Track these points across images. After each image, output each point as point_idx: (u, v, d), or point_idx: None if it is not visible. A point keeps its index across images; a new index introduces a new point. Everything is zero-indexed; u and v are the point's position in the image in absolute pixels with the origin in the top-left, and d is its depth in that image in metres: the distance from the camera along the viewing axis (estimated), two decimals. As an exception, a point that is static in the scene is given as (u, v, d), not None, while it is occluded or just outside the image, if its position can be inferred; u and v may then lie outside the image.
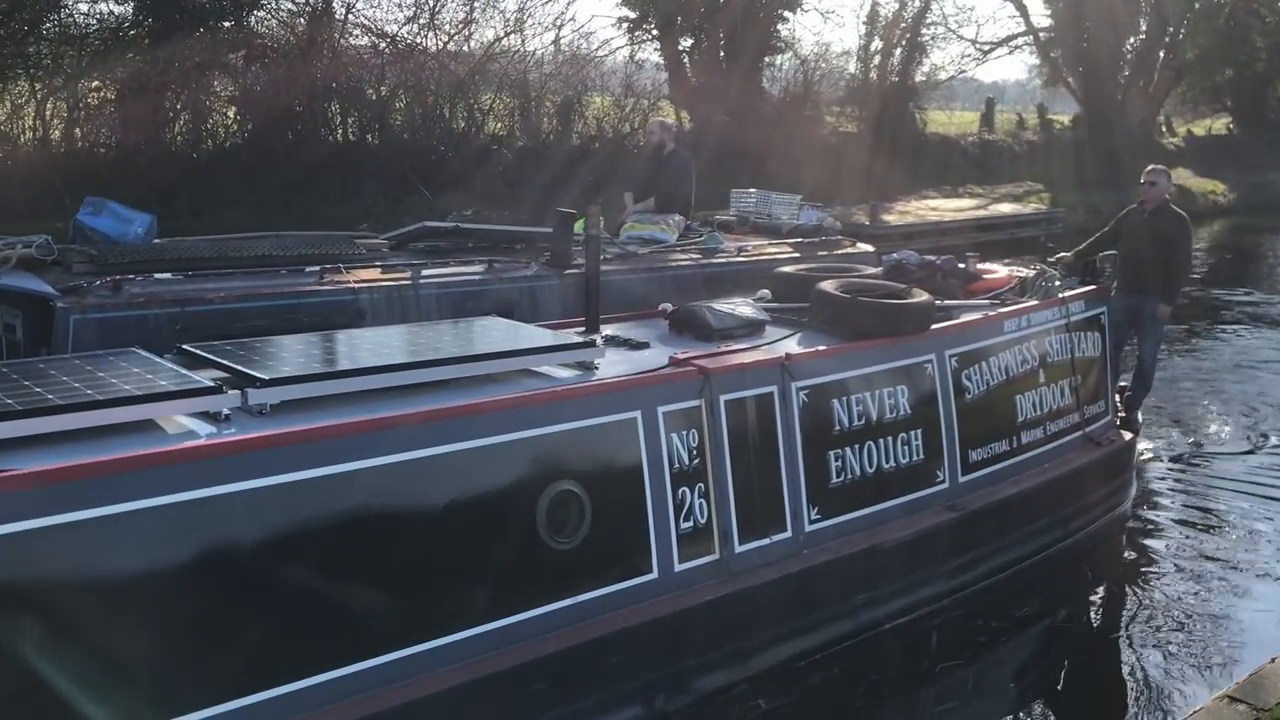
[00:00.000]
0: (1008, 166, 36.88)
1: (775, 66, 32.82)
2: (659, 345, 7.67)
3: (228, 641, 5.25)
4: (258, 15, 24.78)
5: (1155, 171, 10.55)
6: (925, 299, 8.11)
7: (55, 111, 23.07)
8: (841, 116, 33.95)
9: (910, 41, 35.26)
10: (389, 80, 25.83)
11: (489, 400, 6.19)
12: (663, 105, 29.77)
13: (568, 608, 6.37)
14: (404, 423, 5.84)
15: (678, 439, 6.86)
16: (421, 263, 8.73)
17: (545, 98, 27.47)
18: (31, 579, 4.78)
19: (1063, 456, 9.16)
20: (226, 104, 24.64)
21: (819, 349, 7.71)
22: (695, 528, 6.93)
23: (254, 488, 5.33)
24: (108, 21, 23.71)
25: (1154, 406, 13.61)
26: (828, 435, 7.58)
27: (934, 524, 8.01)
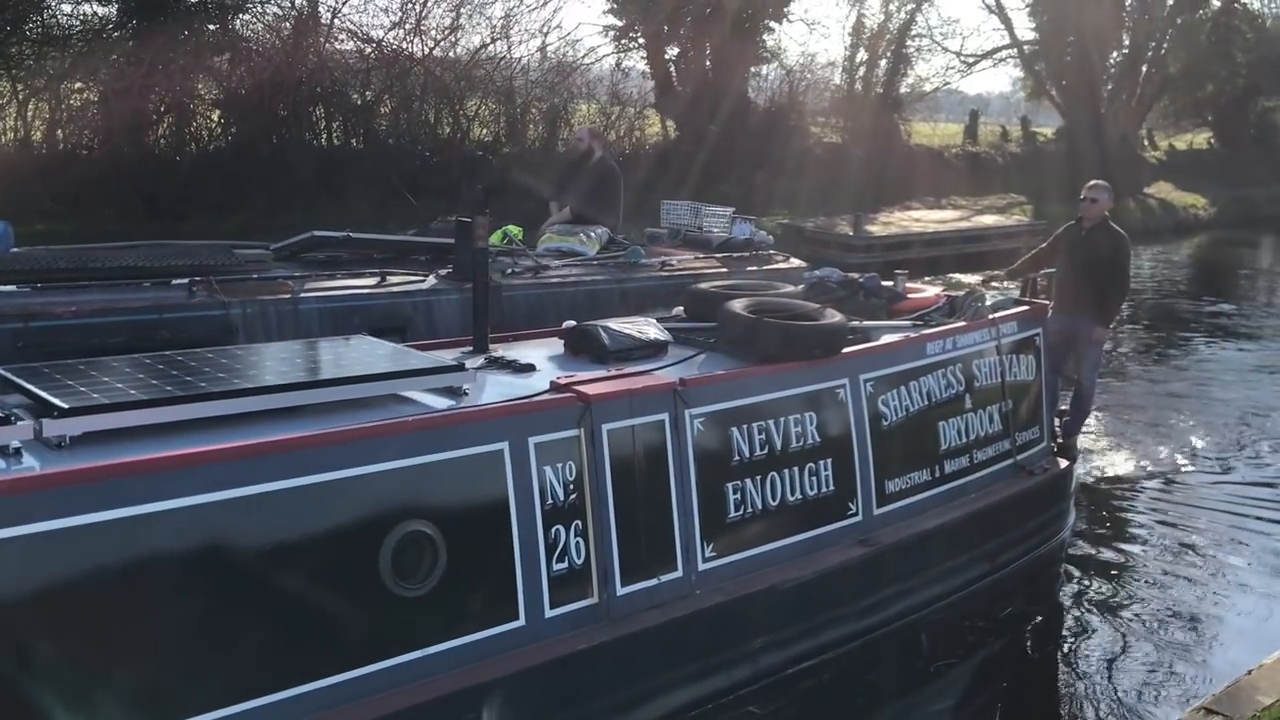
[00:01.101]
0: (992, 178, 35.93)
1: (761, 77, 31.90)
2: (549, 367, 6.82)
3: None
4: (243, 18, 24.01)
5: (1096, 188, 9.64)
6: (837, 320, 7.24)
7: (37, 113, 22.43)
8: (826, 127, 33.02)
9: (895, 53, 34.35)
10: (374, 85, 25.07)
11: (322, 432, 5.35)
12: (649, 114, 28.89)
13: (415, 662, 5.52)
14: (217, 458, 4.98)
15: (552, 472, 6.01)
16: (304, 275, 7.85)
17: (531, 105, 26.62)
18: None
19: (991, 486, 8.27)
20: (210, 107, 23.87)
21: (716, 373, 6.85)
22: (570, 569, 6.08)
23: (24, 534, 4.47)
24: (91, 22, 23.03)
25: (1104, 429, 12.78)
26: (725, 466, 6.72)
27: (843, 560, 7.15)
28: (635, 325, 7.13)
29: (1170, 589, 8.74)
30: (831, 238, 26.16)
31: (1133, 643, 7.96)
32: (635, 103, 28.50)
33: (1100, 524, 10.10)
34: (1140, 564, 9.22)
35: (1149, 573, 9.03)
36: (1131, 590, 8.74)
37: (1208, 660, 7.77)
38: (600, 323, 7.04)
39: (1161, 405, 14.57)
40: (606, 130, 27.28)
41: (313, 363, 6.02)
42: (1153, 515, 10.37)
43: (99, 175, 21.47)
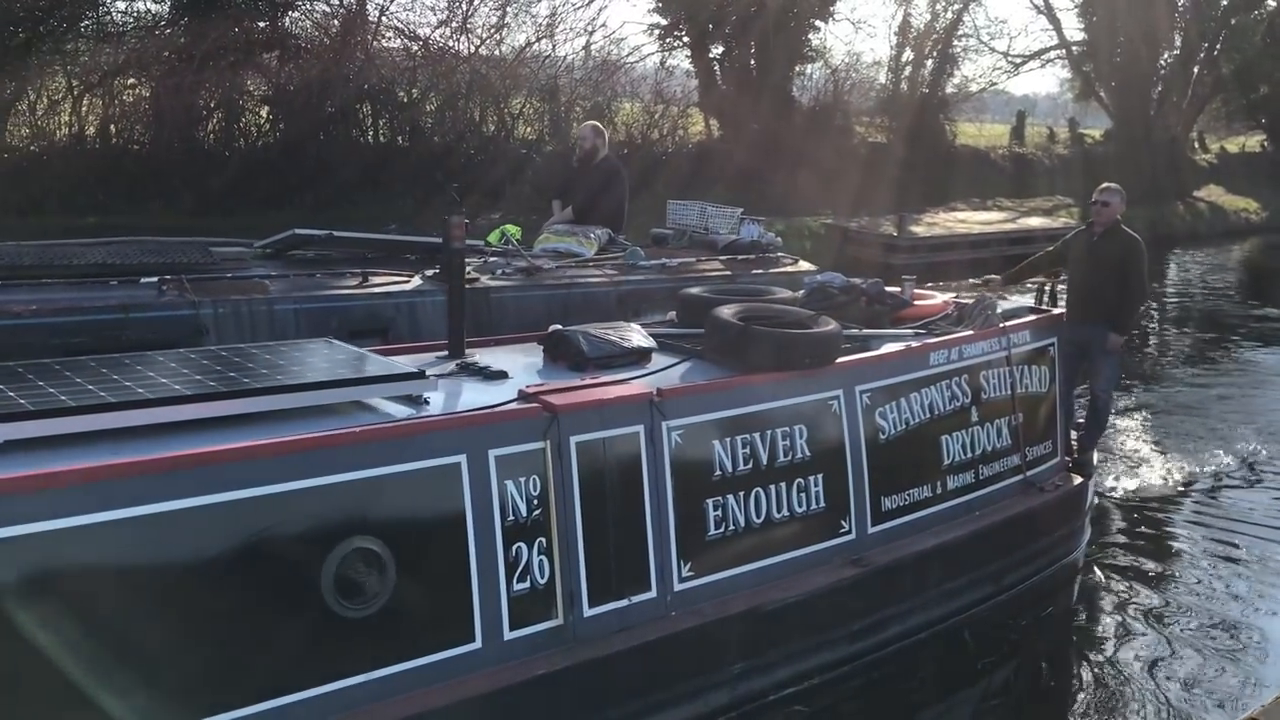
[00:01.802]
0: (1038, 180, 35.07)
1: (806, 75, 31.25)
2: (523, 375, 6.36)
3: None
4: (292, 16, 23.74)
5: (1108, 190, 9.03)
6: (831, 328, 6.73)
7: (91, 108, 22.25)
8: (871, 127, 32.31)
9: (941, 53, 33.50)
10: (420, 83, 24.70)
11: (256, 444, 4.91)
12: (692, 113, 28.37)
13: (358, 686, 5.07)
14: (137, 470, 4.57)
15: (514, 487, 5.56)
16: (281, 275, 7.42)
17: (575, 103, 26.17)
18: None
19: (998, 503, 7.72)
20: (259, 103, 23.64)
21: (697, 383, 6.36)
22: (533, 589, 5.62)
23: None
24: (144, 19, 22.89)
25: (1128, 439, 12.12)
26: (706, 481, 6.24)
27: (832, 581, 6.64)
28: (617, 331, 6.66)
29: (1191, 611, 8.16)
30: (875, 238, 25.56)
31: (1149, 667, 7.42)
32: (679, 101, 27.95)
33: (1118, 542, 9.52)
34: (1160, 584, 8.63)
35: (1169, 594, 8.46)
36: (1149, 612, 8.17)
37: (1230, 691, 7.18)
38: (580, 328, 6.58)
39: (1192, 413, 13.90)
40: (650, 129, 26.77)
41: (266, 367, 5.58)
42: (1175, 533, 9.76)
43: (150, 170, 21.36)
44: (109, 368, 5.45)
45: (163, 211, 19.96)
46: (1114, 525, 9.84)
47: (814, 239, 26.32)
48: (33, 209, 19.08)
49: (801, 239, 26.45)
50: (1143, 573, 8.84)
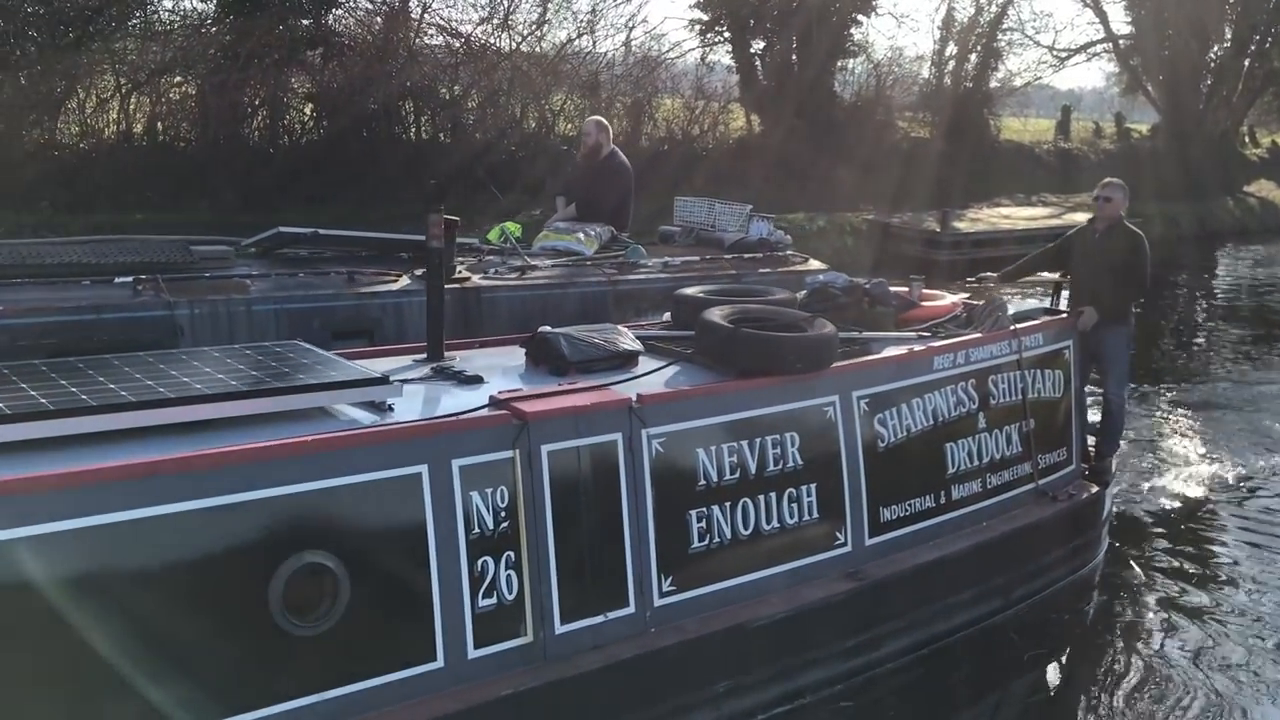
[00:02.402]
0: (1084, 176, 34.16)
1: (847, 70, 30.58)
2: (499, 380, 6.00)
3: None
4: (335, 14, 23.47)
5: (1110, 185, 8.53)
6: (825, 331, 6.31)
7: (138, 106, 22.08)
8: (914, 122, 31.62)
9: (986, 47, 32.67)
10: (462, 80, 24.37)
11: (199, 454, 4.58)
12: (733, 108, 27.88)
13: (308, 708, 4.74)
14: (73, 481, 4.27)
15: (479, 498, 5.20)
16: (263, 274, 7.08)
17: (615, 99, 25.76)
18: None
19: (1007, 514, 7.27)
20: (303, 101, 23.43)
21: (681, 389, 5.97)
22: (500, 605, 5.26)
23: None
24: (190, 18, 22.66)
25: (1153, 443, 11.52)
26: (689, 491, 5.85)
27: (825, 595, 6.23)
28: (603, 334, 6.27)
29: (1217, 630, 7.63)
30: (918, 234, 25.00)
31: (1168, 688, 6.93)
32: (719, 97, 27.45)
33: (1139, 554, 8.94)
34: (1184, 600, 8.09)
35: (1193, 609, 7.92)
36: (1170, 628, 7.68)
37: (1259, 713, 6.70)
38: (563, 330, 6.20)
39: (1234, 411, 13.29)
40: (690, 124, 26.32)
41: (225, 372, 5.25)
42: (1203, 544, 9.19)
43: (196, 167, 21.21)
44: (58, 372, 5.14)
45: (208, 208, 19.80)
46: (1136, 535, 9.27)
47: (855, 235, 25.83)
48: (82, 206, 18.97)
49: (843, 235, 25.97)
50: (1165, 587, 8.32)
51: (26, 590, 4.14)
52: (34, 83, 20.35)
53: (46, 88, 20.52)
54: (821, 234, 25.85)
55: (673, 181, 24.26)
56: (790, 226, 25.33)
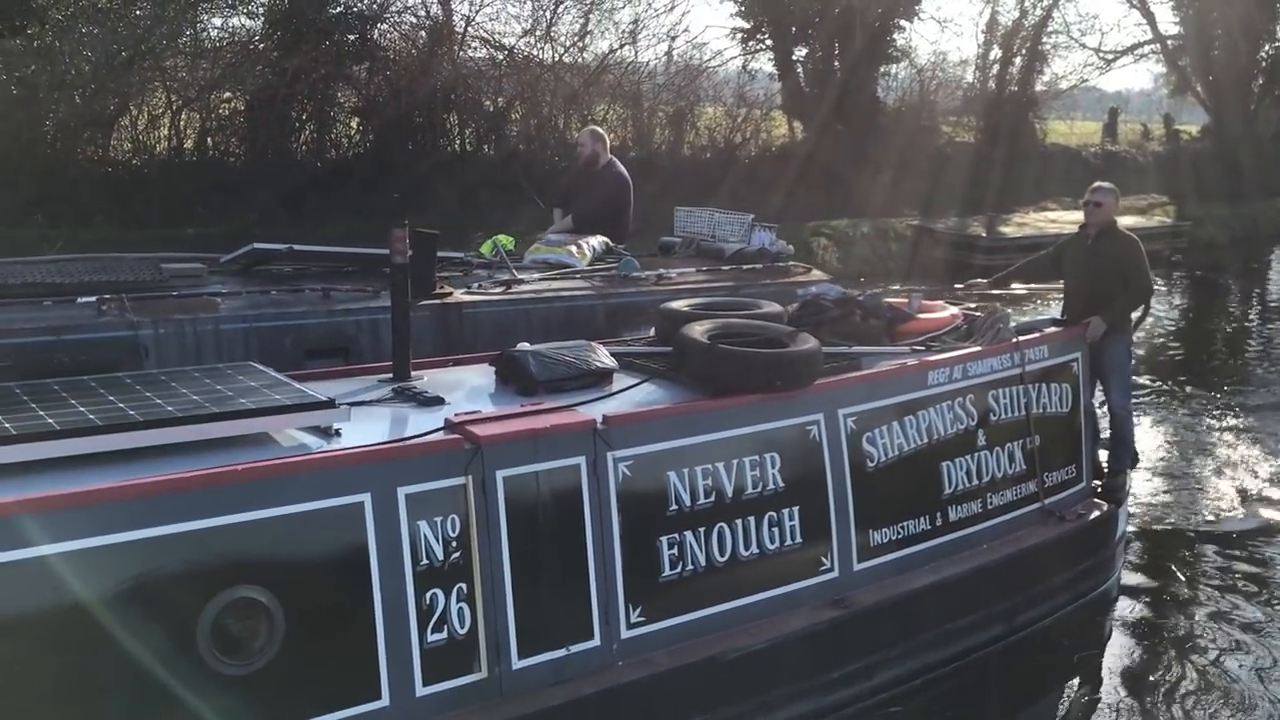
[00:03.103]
0: (1132, 178, 33.17)
1: (890, 75, 29.91)
2: (461, 400, 5.62)
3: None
4: (381, 28, 23.28)
5: (1100, 190, 8.00)
6: (808, 347, 5.87)
7: (188, 122, 22.05)
8: (958, 126, 30.84)
9: (1031, 50, 31.73)
10: (506, 91, 24.10)
11: (121, 485, 4.24)
12: (775, 115, 27.35)
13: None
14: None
15: (428, 528, 4.82)
16: (233, 292, 6.73)
17: (657, 109, 25.37)
18: None
19: (1009, 535, 6.78)
20: (350, 114, 23.28)
21: (649, 409, 5.55)
22: (451, 640, 4.88)
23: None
24: (239, 35, 22.57)
25: (1183, 455, 10.84)
26: (659, 517, 5.43)
27: (808, 625, 5.78)
28: (575, 351, 5.87)
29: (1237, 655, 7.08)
30: (963, 239, 24.36)
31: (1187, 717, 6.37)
32: (761, 104, 26.93)
33: (1156, 575, 8.36)
34: (1204, 623, 7.53)
35: (1213, 634, 7.37)
36: (1188, 653, 7.13)
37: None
38: (533, 348, 5.81)
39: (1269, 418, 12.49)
40: (732, 132, 25.84)
41: (167, 396, 4.90)
42: (1226, 564, 8.56)
43: (245, 181, 21.11)
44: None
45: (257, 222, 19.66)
46: (1154, 555, 8.69)
47: (899, 240, 25.25)
48: (135, 221, 18.92)
49: (887, 241, 25.40)
50: (1184, 610, 7.76)
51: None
52: (88, 101, 20.37)
53: (100, 106, 20.53)
54: (865, 240, 25.31)
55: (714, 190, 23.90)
56: (834, 233, 24.99)
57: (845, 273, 23.52)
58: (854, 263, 24.19)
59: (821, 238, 24.60)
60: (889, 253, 25.09)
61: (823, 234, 24.72)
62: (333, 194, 21.36)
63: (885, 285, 13.34)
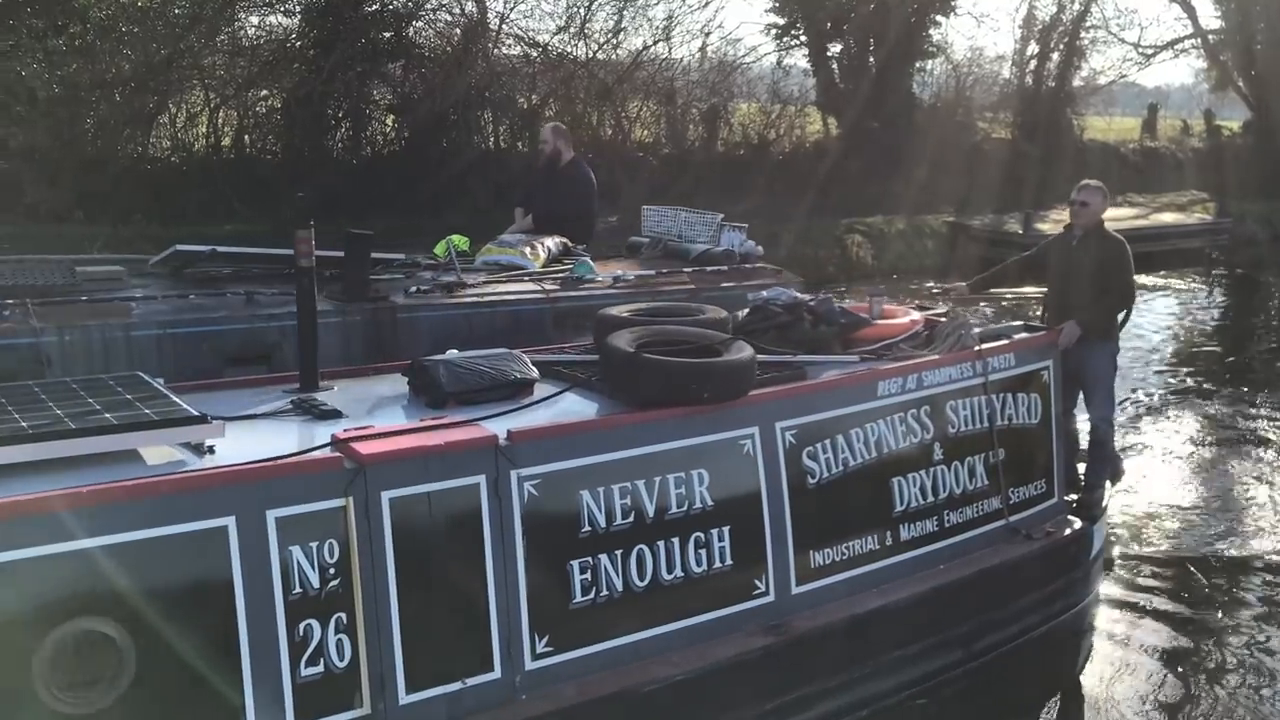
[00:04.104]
0: (1171, 175, 32.07)
1: (926, 72, 28.97)
2: (370, 413, 5.11)
3: None
4: (416, 26, 22.87)
5: (1088, 189, 7.29)
6: (740, 356, 5.29)
7: (226, 120, 21.77)
8: (994, 122, 29.86)
9: (1068, 45, 30.58)
10: (539, 88, 23.58)
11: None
12: (809, 111, 26.61)
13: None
14: None
15: (302, 554, 4.32)
16: (148, 296, 6.23)
17: (691, 105, 24.75)
18: None
19: (970, 554, 6.16)
20: (385, 112, 22.89)
21: (559, 424, 5.01)
22: (328, 674, 4.37)
23: None
24: (276, 33, 22.25)
25: (1176, 468, 10.05)
26: (570, 539, 4.90)
27: (737, 653, 5.21)
28: (492, 360, 5.34)
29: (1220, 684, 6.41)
30: (999, 236, 23.51)
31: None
32: (796, 101, 26.19)
33: (1136, 596, 7.65)
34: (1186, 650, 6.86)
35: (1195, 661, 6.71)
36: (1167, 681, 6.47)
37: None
38: (444, 357, 5.29)
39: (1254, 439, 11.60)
40: (766, 129, 25.15)
41: (33, 410, 4.44)
42: (1213, 586, 7.83)
43: (282, 179, 20.79)
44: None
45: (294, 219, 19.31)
46: (1139, 574, 7.95)
47: (935, 237, 24.51)
48: (173, 218, 18.66)
49: (922, 237, 24.69)
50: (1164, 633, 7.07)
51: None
52: (128, 99, 20.10)
53: (139, 103, 20.25)
54: (900, 237, 24.60)
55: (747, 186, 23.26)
56: (868, 230, 24.26)
57: (879, 270, 22.90)
58: (888, 260, 23.52)
59: (855, 235, 23.94)
60: (924, 250, 24.37)
61: (856, 231, 24.05)
62: (368, 191, 20.98)
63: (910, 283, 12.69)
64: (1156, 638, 6.99)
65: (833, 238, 23.53)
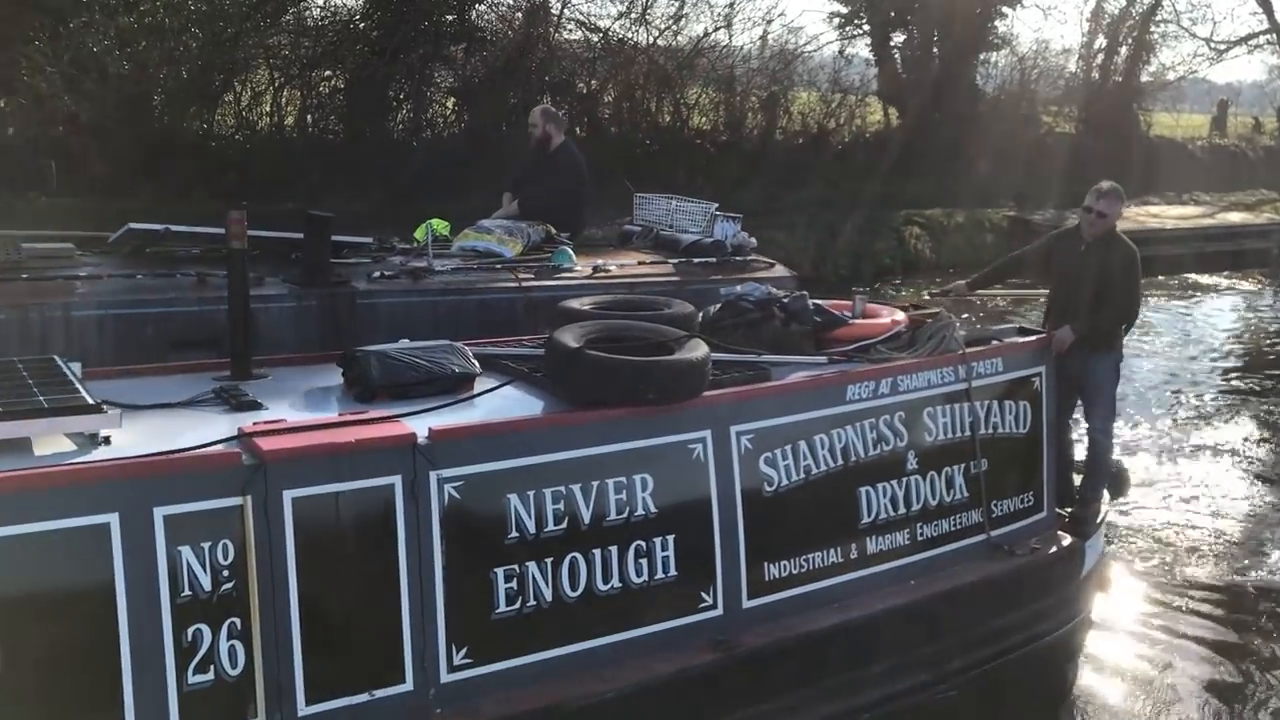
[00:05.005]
0: (1241, 173, 30.73)
1: (990, 64, 27.98)
2: (295, 406, 4.72)
3: None
4: (478, 9, 22.50)
5: (1108, 197, 6.62)
6: (691, 355, 4.83)
7: (290, 99, 21.58)
8: (1059, 116, 28.79)
9: (1137, 39, 29.31)
10: (599, 74, 23.12)
11: None
12: (870, 101, 25.84)
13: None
14: None
15: (192, 554, 3.95)
16: (93, 276, 5.86)
17: (751, 93, 24.13)
18: None
19: (944, 570, 5.63)
20: (446, 94, 22.57)
21: (484, 423, 4.58)
22: (219, 682, 4.00)
23: None
24: (341, 14, 22.03)
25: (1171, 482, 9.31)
26: (495, 545, 4.48)
27: (675, 670, 4.76)
28: (431, 352, 4.93)
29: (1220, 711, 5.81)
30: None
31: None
32: (856, 90, 25.41)
33: (1133, 618, 7.03)
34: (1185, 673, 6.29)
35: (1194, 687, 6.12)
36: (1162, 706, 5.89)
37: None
38: (381, 348, 4.88)
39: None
40: (826, 117, 24.46)
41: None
42: (1217, 606, 7.20)
43: (343, 159, 20.59)
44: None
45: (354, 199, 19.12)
46: (1135, 597, 7.31)
47: (996, 231, 23.73)
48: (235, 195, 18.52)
49: (981, 231, 23.92)
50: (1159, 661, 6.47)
51: None
52: (194, 77, 19.99)
53: (205, 81, 20.13)
54: (959, 230, 23.83)
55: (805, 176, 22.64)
56: (927, 222, 23.50)
57: (937, 263, 22.17)
58: (946, 253, 22.80)
59: (914, 226, 23.25)
60: (983, 244, 23.56)
61: (915, 223, 23.36)
62: (427, 172, 20.70)
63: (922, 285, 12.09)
64: (1149, 666, 6.41)
65: (891, 229, 22.85)
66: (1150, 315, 17.74)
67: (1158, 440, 10.43)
